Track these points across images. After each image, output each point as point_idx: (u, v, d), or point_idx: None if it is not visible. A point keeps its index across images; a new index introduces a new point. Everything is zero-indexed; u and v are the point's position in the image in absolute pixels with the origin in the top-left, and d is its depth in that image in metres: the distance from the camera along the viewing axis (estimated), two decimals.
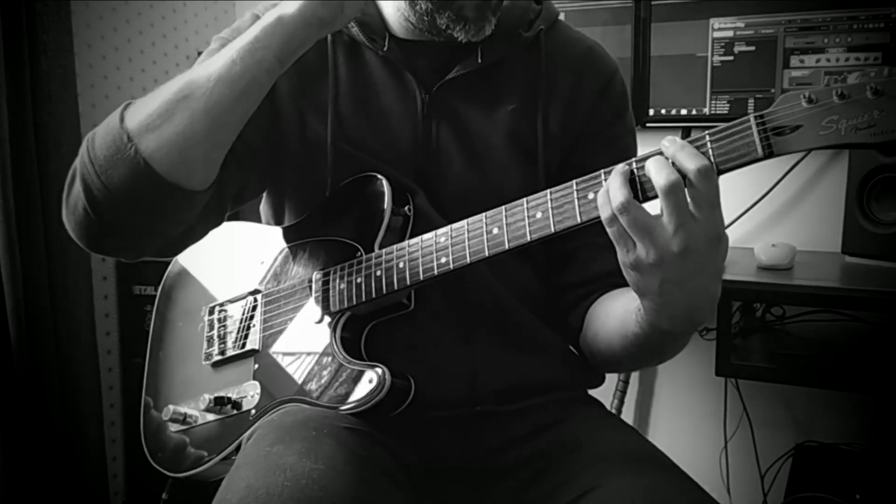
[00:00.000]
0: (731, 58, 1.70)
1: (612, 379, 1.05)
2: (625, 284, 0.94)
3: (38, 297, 1.70)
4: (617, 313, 0.90)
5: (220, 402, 0.97)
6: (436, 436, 0.93)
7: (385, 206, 0.92)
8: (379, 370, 0.86)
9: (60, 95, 1.72)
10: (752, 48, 1.68)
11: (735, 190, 1.83)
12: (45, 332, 1.72)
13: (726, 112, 1.72)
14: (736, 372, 1.52)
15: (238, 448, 0.94)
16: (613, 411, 1.81)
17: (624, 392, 1.88)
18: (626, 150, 1.02)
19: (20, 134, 1.65)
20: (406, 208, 0.94)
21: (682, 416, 1.99)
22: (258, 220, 1.10)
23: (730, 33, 1.70)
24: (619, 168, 0.74)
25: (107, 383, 1.96)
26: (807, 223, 1.77)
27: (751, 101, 1.70)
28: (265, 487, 0.72)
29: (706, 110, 1.74)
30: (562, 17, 1.06)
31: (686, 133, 1.83)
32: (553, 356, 0.99)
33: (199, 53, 2.28)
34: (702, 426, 1.95)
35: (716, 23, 1.71)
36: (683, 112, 1.76)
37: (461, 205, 0.94)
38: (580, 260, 0.99)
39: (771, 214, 1.82)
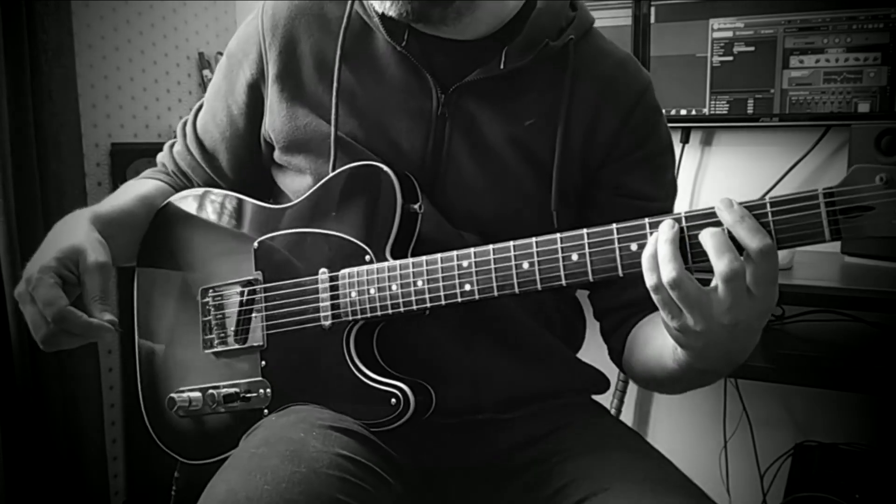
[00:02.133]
0: (730, 58, 1.71)
1: (611, 378, 1.05)
2: None
3: None
4: (655, 348, 0.87)
5: (229, 399, 0.95)
6: (438, 441, 0.93)
7: (395, 205, 0.88)
8: (401, 392, 0.85)
9: (61, 96, 1.72)
10: (752, 48, 1.69)
11: (734, 189, 1.83)
12: None
13: (726, 112, 1.73)
14: (736, 372, 1.52)
15: None
16: (613, 411, 1.81)
17: (624, 392, 1.88)
18: (661, 169, 0.99)
19: (20, 134, 1.65)
20: (417, 205, 0.89)
21: (682, 415, 1.99)
22: (253, 194, 1.06)
23: (729, 33, 1.70)
24: (668, 232, 0.69)
25: (107, 383, 1.96)
26: None
27: (750, 101, 1.70)
28: (244, 491, 0.72)
29: (706, 110, 1.74)
30: None
31: (686, 133, 1.84)
32: (557, 363, 0.98)
33: (200, 54, 2.30)
34: (701, 426, 1.95)
35: (716, 23, 1.71)
36: (683, 112, 1.77)
37: (467, 211, 0.93)
38: (618, 285, 0.94)
39: None
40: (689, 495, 0.81)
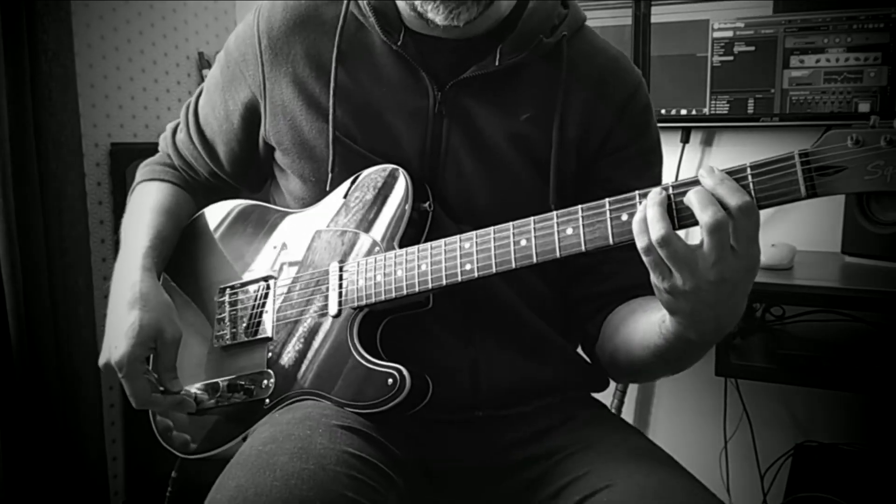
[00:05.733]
0: (731, 58, 1.71)
1: None
2: (642, 294, 0.94)
3: (38, 297, 1.70)
4: (639, 327, 0.88)
5: (233, 389, 0.97)
6: (438, 436, 0.93)
7: (406, 202, 0.91)
8: (398, 372, 0.86)
9: (61, 95, 1.72)
10: (752, 48, 1.69)
11: None
12: (45, 332, 1.72)
13: (726, 112, 1.73)
14: (736, 372, 1.53)
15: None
16: (613, 411, 1.81)
17: (624, 392, 1.88)
18: (650, 165, 1.01)
19: (20, 134, 1.65)
20: (427, 204, 0.92)
21: (682, 415, 1.99)
22: (268, 199, 1.10)
23: (730, 33, 1.70)
24: (656, 196, 0.73)
25: (107, 383, 1.95)
26: (806, 223, 1.78)
27: (751, 101, 1.70)
28: (254, 487, 0.72)
29: (706, 110, 1.74)
30: None
31: (686, 133, 1.84)
32: (557, 359, 0.99)
33: (200, 54, 2.30)
34: (702, 426, 1.95)
35: (716, 23, 1.71)
36: (683, 112, 1.77)
37: (467, 207, 0.94)
38: (601, 273, 0.97)
39: (770, 214, 1.82)
40: (695, 491, 0.81)
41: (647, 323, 0.86)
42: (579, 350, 1.04)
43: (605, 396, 1.05)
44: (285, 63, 0.97)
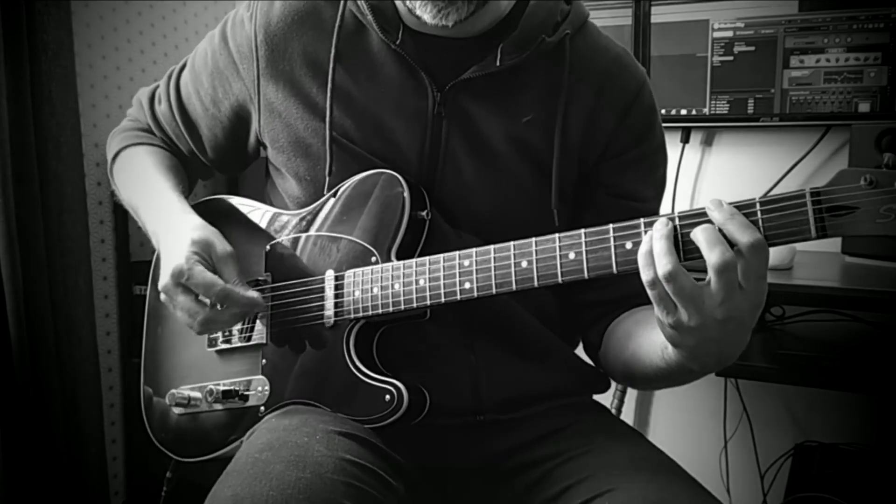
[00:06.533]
0: (731, 58, 1.71)
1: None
2: (645, 303, 0.92)
3: (38, 297, 1.70)
4: (642, 346, 0.87)
5: (228, 396, 0.96)
6: (439, 442, 0.92)
7: (404, 210, 0.89)
8: (395, 389, 0.85)
9: (60, 95, 1.72)
10: (752, 48, 1.69)
11: (734, 189, 1.83)
12: (45, 332, 1.72)
13: (726, 112, 1.73)
14: (736, 372, 1.52)
15: None
16: (613, 411, 1.81)
17: (624, 392, 1.88)
18: (654, 167, 1.00)
19: (20, 134, 1.65)
20: (424, 212, 0.90)
21: (682, 415, 1.99)
22: (262, 198, 1.08)
23: (730, 33, 1.70)
24: (663, 229, 0.71)
25: (107, 383, 1.95)
26: None
27: (750, 101, 1.70)
28: (250, 497, 0.72)
29: (706, 110, 1.74)
30: None
31: (686, 133, 1.83)
32: (558, 363, 0.98)
33: None
34: (702, 426, 1.95)
35: (716, 22, 1.71)
36: (683, 112, 1.77)
37: (465, 210, 0.93)
38: (603, 281, 0.94)
39: None
40: (696, 495, 0.81)
41: (650, 343, 0.85)
42: (579, 352, 1.04)
43: (605, 396, 1.05)
44: (282, 61, 0.96)
